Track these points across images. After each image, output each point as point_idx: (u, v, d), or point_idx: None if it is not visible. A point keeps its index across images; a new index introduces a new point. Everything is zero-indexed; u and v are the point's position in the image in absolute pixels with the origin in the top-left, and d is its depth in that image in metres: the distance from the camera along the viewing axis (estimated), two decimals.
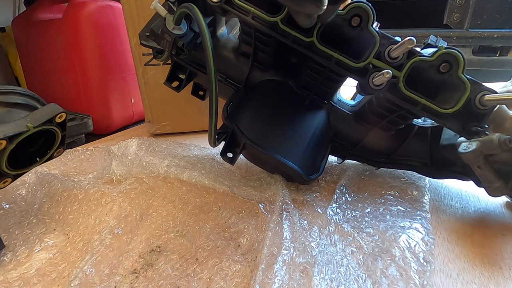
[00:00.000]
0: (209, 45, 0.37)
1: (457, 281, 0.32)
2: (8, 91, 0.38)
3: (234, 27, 0.52)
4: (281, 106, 0.46)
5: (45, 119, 0.36)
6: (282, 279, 0.31)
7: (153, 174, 0.50)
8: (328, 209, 0.41)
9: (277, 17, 0.37)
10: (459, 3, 1.43)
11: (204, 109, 0.68)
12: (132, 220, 0.40)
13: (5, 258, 0.35)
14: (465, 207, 0.44)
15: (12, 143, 0.34)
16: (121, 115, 0.99)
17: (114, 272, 0.33)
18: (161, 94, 0.66)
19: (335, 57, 0.37)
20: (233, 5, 0.38)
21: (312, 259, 0.33)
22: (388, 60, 0.36)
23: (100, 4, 0.90)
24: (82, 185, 0.46)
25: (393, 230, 0.37)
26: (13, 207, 0.43)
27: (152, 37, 0.45)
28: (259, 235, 0.38)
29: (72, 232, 0.39)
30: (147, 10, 0.60)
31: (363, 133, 0.47)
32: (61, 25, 0.89)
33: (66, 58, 0.92)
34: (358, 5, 0.35)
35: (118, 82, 0.96)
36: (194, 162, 0.53)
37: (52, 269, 0.34)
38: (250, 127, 0.43)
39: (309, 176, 0.43)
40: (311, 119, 0.46)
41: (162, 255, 0.35)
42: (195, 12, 0.38)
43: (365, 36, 0.36)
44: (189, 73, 0.50)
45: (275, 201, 0.42)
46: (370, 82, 0.37)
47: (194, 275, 0.33)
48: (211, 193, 0.46)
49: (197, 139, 0.68)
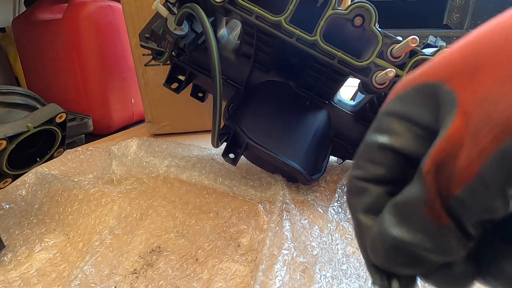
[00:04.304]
0: (214, 44, 0.37)
1: None
2: (8, 91, 0.38)
3: (234, 28, 0.52)
4: (282, 106, 0.46)
5: (45, 119, 0.36)
6: (282, 279, 0.31)
7: (153, 174, 0.50)
8: (329, 208, 0.41)
9: (281, 16, 0.37)
10: (459, 3, 1.43)
11: (204, 110, 0.68)
12: (132, 220, 0.40)
13: (5, 258, 0.35)
14: None
15: (12, 143, 0.34)
16: (121, 115, 0.99)
17: (114, 272, 0.33)
18: (161, 94, 0.66)
19: (338, 56, 0.37)
20: (236, 5, 0.38)
21: (313, 258, 0.33)
22: (391, 59, 0.36)
23: (100, 4, 0.90)
24: (82, 185, 0.46)
25: None
26: (13, 207, 0.43)
27: (152, 38, 0.45)
28: (259, 235, 0.38)
29: (72, 232, 0.39)
30: (147, 10, 0.60)
31: (364, 133, 0.46)
32: (61, 25, 0.89)
33: (66, 58, 0.92)
34: (361, 5, 0.35)
35: (118, 82, 0.96)
36: (194, 162, 0.53)
37: (52, 269, 0.34)
38: (253, 128, 0.43)
39: (311, 176, 0.43)
40: (312, 119, 0.46)
41: (162, 255, 0.35)
42: (198, 12, 0.38)
43: (367, 35, 0.36)
44: (189, 74, 0.50)
45: (275, 201, 0.42)
46: (373, 81, 0.37)
47: (194, 275, 0.33)
48: (211, 193, 0.46)
49: (197, 139, 0.68)
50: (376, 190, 0.16)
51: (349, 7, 0.36)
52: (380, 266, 0.16)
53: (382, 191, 0.16)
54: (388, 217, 0.14)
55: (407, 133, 0.15)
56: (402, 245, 0.14)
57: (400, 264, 0.14)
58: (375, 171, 0.16)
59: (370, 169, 0.16)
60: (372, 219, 0.16)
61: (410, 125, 0.15)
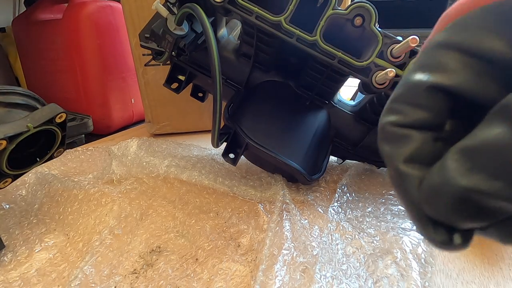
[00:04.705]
0: (214, 44, 0.37)
1: (457, 281, 0.32)
2: (8, 91, 0.38)
3: (234, 28, 0.52)
4: (283, 106, 0.46)
5: (45, 119, 0.36)
6: (282, 279, 0.31)
7: (153, 174, 0.50)
8: (329, 208, 0.41)
9: (281, 16, 0.37)
10: None
11: (204, 110, 0.68)
12: (132, 220, 0.40)
13: (5, 258, 0.35)
14: None
15: (12, 143, 0.34)
16: (121, 115, 0.99)
17: (114, 272, 0.33)
18: (161, 95, 0.66)
19: (338, 56, 0.37)
20: (236, 5, 0.38)
21: (313, 258, 0.33)
22: (391, 59, 0.36)
23: (100, 4, 0.90)
24: (82, 185, 0.46)
25: (395, 232, 0.37)
26: (13, 207, 0.43)
27: (152, 38, 0.45)
28: (259, 235, 0.38)
29: (72, 232, 0.39)
30: (147, 10, 0.60)
31: (364, 133, 0.47)
32: (61, 25, 0.89)
33: (66, 58, 0.92)
34: (361, 5, 0.35)
35: (118, 82, 0.96)
36: (194, 162, 0.53)
37: (52, 269, 0.34)
38: (253, 128, 0.43)
39: (311, 176, 0.43)
40: (312, 119, 0.46)
41: (162, 255, 0.35)
42: (198, 12, 0.38)
43: (367, 35, 0.36)
44: (189, 74, 0.50)
45: (275, 201, 0.42)
46: (373, 81, 0.37)
47: (194, 275, 0.33)
48: (211, 193, 0.46)
49: (197, 139, 0.68)
50: (420, 137, 0.14)
51: (349, 7, 0.36)
52: (440, 219, 0.14)
53: (428, 137, 0.14)
54: (454, 164, 0.13)
55: (465, 69, 0.13)
56: (474, 195, 0.12)
57: (467, 216, 0.13)
58: (419, 115, 0.14)
59: (413, 113, 0.14)
60: (417, 169, 0.14)
61: (471, 59, 0.13)
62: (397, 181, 0.15)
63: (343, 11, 0.36)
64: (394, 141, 0.15)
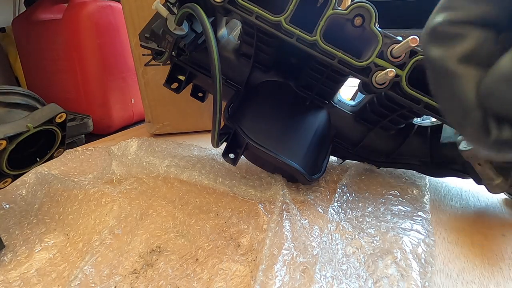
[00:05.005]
0: (214, 44, 0.37)
1: (457, 281, 0.32)
2: (8, 91, 0.38)
3: (234, 28, 0.52)
4: (283, 106, 0.46)
5: (45, 119, 0.36)
6: (282, 279, 0.31)
7: (153, 174, 0.50)
8: (329, 208, 0.41)
9: (281, 16, 0.37)
10: None
11: (204, 110, 0.68)
12: (132, 220, 0.40)
13: (5, 258, 0.35)
14: (465, 207, 0.44)
15: (12, 144, 0.34)
16: (121, 115, 0.99)
17: (114, 272, 0.33)
18: (161, 94, 0.66)
19: (338, 56, 0.37)
20: (236, 5, 0.38)
21: (313, 258, 0.33)
22: (391, 59, 0.36)
23: (100, 4, 0.90)
24: (82, 185, 0.46)
25: (394, 232, 0.37)
26: (13, 207, 0.43)
27: (152, 38, 0.45)
28: (259, 235, 0.38)
29: (72, 232, 0.39)
30: (147, 10, 0.60)
31: (364, 132, 0.47)
32: (61, 25, 0.89)
33: (66, 58, 0.92)
34: (361, 5, 0.36)
35: (118, 82, 0.96)
36: (194, 162, 0.53)
37: (52, 269, 0.34)
38: (253, 128, 0.43)
39: (311, 176, 0.43)
40: (312, 119, 0.46)
41: (162, 255, 0.35)
42: (198, 12, 0.38)
43: (367, 35, 0.37)
44: (189, 74, 0.50)
45: (275, 201, 0.42)
46: (373, 81, 0.37)
47: (194, 275, 0.33)
48: (211, 193, 0.46)
49: (197, 139, 0.68)
50: (480, 35, 0.13)
51: (349, 7, 0.36)
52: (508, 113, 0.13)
53: (489, 36, 0.13)
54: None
55: None
56: None
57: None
58: (481, 10, 0.13)
59: (474, 9, 0.13)
60: (475, 69, 0.13)
61: None
62: (446, 83, 0.14)
63: (343, 11, 0.36)
64: (448, 40, 0.14)
